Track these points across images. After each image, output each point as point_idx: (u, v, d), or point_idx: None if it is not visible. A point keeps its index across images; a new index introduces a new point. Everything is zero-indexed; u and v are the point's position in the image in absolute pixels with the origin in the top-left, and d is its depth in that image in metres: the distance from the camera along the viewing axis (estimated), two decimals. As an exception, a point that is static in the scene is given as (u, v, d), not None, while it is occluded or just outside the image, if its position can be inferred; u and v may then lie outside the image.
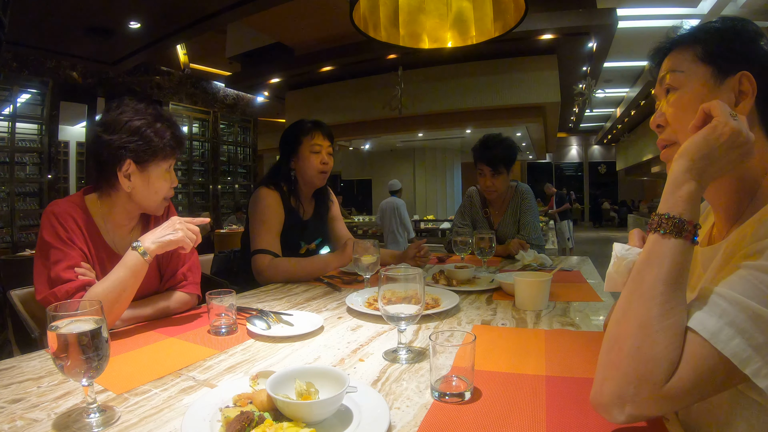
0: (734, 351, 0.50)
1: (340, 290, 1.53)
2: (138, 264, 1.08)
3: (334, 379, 0.68)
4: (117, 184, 1.15)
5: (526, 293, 1.24)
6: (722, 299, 0.52)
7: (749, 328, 0.50)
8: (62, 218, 1.10)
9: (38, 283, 1.09)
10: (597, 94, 7.52)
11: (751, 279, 0.52)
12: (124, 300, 1.08)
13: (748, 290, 0.51)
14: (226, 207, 8.53)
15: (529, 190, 2.42)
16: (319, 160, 1.84)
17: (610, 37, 5.65)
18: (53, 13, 4.66)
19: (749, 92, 0.64)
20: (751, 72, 0.63)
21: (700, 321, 0.52)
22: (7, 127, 5.56)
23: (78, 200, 1.18)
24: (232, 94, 8.50)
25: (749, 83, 0.63)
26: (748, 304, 0.50)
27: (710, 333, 0.51)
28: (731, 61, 0.65)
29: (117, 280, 1.06)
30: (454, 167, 13.34)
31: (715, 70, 0.66)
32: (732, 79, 0.65)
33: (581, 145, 18.67)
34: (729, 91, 0.65)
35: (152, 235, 1.12)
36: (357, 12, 1.72)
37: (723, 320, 0.51)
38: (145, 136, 1.12)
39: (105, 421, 0.65)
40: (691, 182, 0.58)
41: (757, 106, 0.64)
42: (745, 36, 0.66)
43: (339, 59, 6.60)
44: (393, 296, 0.87)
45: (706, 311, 0.53)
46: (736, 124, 0.57)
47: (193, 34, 5.35)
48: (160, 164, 1.17)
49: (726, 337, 0.50)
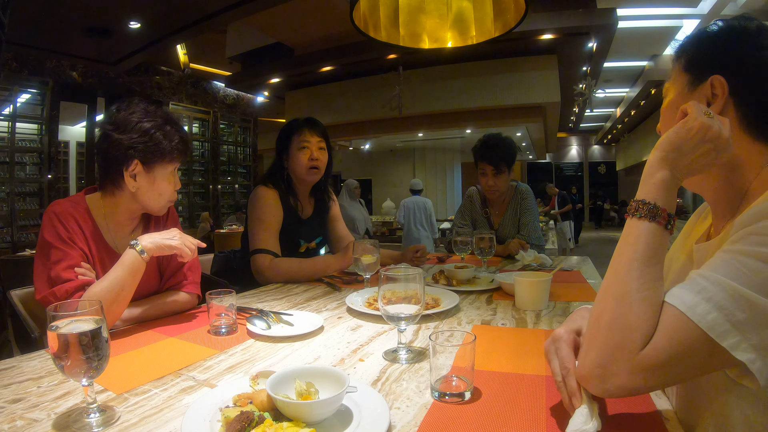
0: (711, 324, 0.51)
1: (340, 290, 1.53)
2: (136, 262, 1.08)
3: (334, 379, 0.68)
4: (122, 183, 1.16)
5: (526, 293, 1.24)
6: (703, 278, 0.54)
7: (729, 305, 0.51)
8: (63, 218, 1.10)
9: (38, 282, 1.09)
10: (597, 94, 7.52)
11: (734, 262, 0.53)
12: (122, 299, 1.08)
13: (731, 272, 0.52)
14: (226, 207, 8.53)
15: (529, 190, 2.42)
16: (308, 156, 1.82)
17: (610, 37, 5.65)
18: (53, 13, 4.66)
19: (720, 94, 0.66)
20: (724, 75, 0.65)
21: (678, 296, 0.55)
22: (7, 127, 5.57)
23: (80, 200, 1.18)
24: (232, 94, 8.51)
25: (720, 86, 0.65)
26: (729, 284, 0.52)
27: (687, 306, 0.53)
28: (703, 67, 0.68)
29: (115, 279, 1.06)
30: (454, 167, 13.33)
31: (691, 77, 0.69)
32: (704, 84, 0.67)
33: (581, 145, 18.66)
34: (701, 96, 0.67)
35: (151, 236, 1.13)
36: (357, 12, 1.72)
37: (701, 296, 0.53)
38: (154, 138, 1.14)
39: (105, 421, 0.65)
40: (664, 171, 0.62)
41: (736, 109, 0.66)
42: (721, 40, 0.67)
43: (339, 59, 6.60)
44: (393, 296, 0.87)
45: (686, 287, 0.55)
46: (706, 120, 0.60)
47: (193, 34, 5.35)
48: (166, 167, 1.18)
49: (703, 311, 0.52)
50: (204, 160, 8.16)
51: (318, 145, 1.86)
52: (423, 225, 5.90)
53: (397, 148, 13.07)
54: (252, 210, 1.78)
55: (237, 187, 8.76)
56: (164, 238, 1.13)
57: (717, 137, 0.60)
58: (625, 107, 10.82)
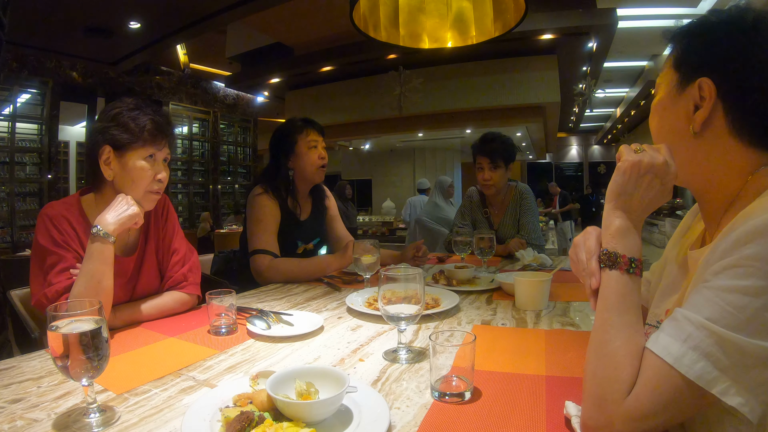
0: (699, 374, 0.50)
1: (340, 290, 1.53)
2: (104, 250, 1.03)
3: (334, 379, 0.68)
4: (102, 176, 1.13)
5: (526, 293, 1.24)
6: (688, 322, 0.53)
7: (716, 351, 0.51)
8: (57, 221, 1.09)
9: (33, 286, 1.07)
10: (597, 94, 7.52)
11: (718, 300, 0.52)
12: (103, 290, 1.03)
13: (715, 312, 0.52)
14: (226, 207, 8.53)
15: (529, 190, 2.42)
16: (317, 155, 1.86)
17: (610, 37, 5.65)
18: (53, 13, 4.66)
19: (707, 98, 0.63)
20: (712, 77, 0.62)
21: (664, 346, 0.54)
22: (7, 127, 5.56)
23: (73, 201, 1.16)
24: (232, 94, 8.50)
25: (708, 89, 0.63)
26: (715, 329, 0.51)
27: (674, 357, 0.52)
28: (692, 68, 0.65)
29: (89, 272, 1.02)
30: (454, 167, 13.33)
31: (679, 77, 0.67)
32: (692, 87, 0.65)
33: (581, 145, 18.65)
34: (689, 99, 0.65)
35: (108, 215, 1.07)
36: (357, 12, 1.72)
37: (687, 344, 0.52)
38: (121, 122, 1.11)
39: (105, 421, 0.65)
40: (618, 218, 0.64)
41: (725, 113, 0.63)
42: (712, 37, 0.64)
43: (339, 59, 6.60)
44: (393, 296, 0.87)
45: (672, 335, 0.54)
46: (635, 157, 0.63)
47: (193, 34, 5.36)
48: (138, 151, 1.13)
49: (690, 361, 0.51)
50: (204, 160, 8.15)
51: (322, 144, 1.90)
52: None
53: (397, 148, 13.07)
54: (250, 211, 1.78)
55: (237, 187, 8.76)
56: (119, 213, 1.07)
57: (650, 167, 0.62)
58: (625, 107, 10.81)
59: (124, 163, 1.12)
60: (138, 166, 1.13)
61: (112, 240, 1.05)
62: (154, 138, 1.14)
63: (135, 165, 1.13)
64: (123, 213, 1.08)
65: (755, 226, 0.52)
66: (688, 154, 0.67)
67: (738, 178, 0.64)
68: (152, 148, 1.15)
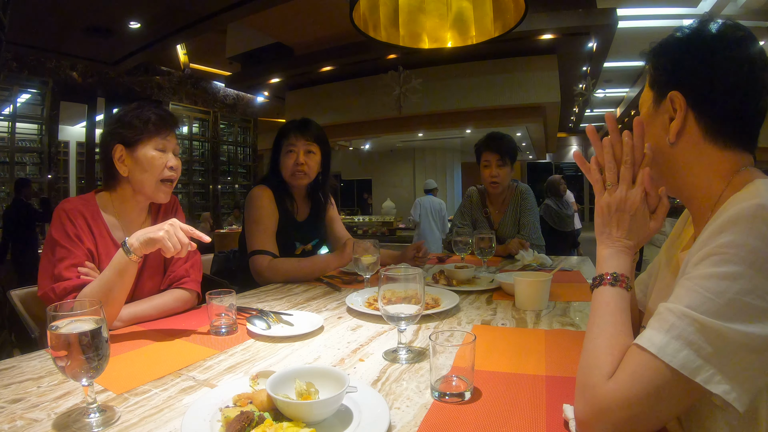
0: (682, 362, 0.51)
1: (340, 290, 1.53)
2: (123, 263, 1.03)
3: (334, 379, 0.68)
4: (118, 174, 1.20)
5: (526, 293, 1.24)
6: (671, 313, 0.55)
7: (698, 339, 0.51)
8: (72, 215, 1.13)
9: (42, 278, 1.10)
10: (597, 94, 7.52)
11: (697, 288, 0.54)
12: (113, 301, 1.04)
13: (695, 300, 0.53)
14: (226, 207, 8.53)
15: (530, 190, 2.42)
16: (292, 160, 1.81)
17: (610, 37, 5.65)
18: (53, 13, 4.66)
19: (678, 109, 0.68)
20: (681, 90, 0.67)
21: (648, 338, 0.55)
22: (7, 127, 5.57)
23: (90, 198, 1.22)
24: (232, 94, 8.51)
25: (678, 101, 0.67)
26: (696, 317, 0.52)
27: (658, 347, 0.53)
28: (663, 84, 0.70)
29: (103, 280, 1.04)
30: (454, 167, 13.33)
31: (654, 95, 0.72)
32: (665, 101, 0.69)
33: (581, 145, 18.64)
34: (664, 113, 0.70)
35: (138, 232, 1.06)
36: (357, 12, 1.72)
37: (670, 334, 0.53)
38: (126, 121, 1.20)
39: (105, 421, 0.65)
40: (604, 249, 0.70)
41: (697, 121, 0.67)
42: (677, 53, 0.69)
43: (339, 59, 6.60)
44: (393, 296, 0.87)
45: (655, 328, 0.55)
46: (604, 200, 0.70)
47: (193, 34, 5.36)
48: (147, 144, 1.20)
49: (673, 350, 0.52)
50: (204, 160, 8.16)
51: (306, 148, 1.82)
52: (437, 225, 6.06)
53: (397, 148, 13.07)
54: (248, 211, 1.78)
55: (237, 187, 8.76)
56: (148, 232, 1.02)
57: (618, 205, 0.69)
58: (625, 107, 10.81)
59: (136, 157, 1.20)
60: (149, 155, 1.20)
61: (130, 254, 1.02)
62: (158, 129, 1.21)
63: (146, 155, 1.20)
64: (149, 233, 1.03)
65: (729, 216, 0.55)
66: (670, 164, 0.71)
67: (721, 181, 0.67)
68: (159, 139, 1.22)
